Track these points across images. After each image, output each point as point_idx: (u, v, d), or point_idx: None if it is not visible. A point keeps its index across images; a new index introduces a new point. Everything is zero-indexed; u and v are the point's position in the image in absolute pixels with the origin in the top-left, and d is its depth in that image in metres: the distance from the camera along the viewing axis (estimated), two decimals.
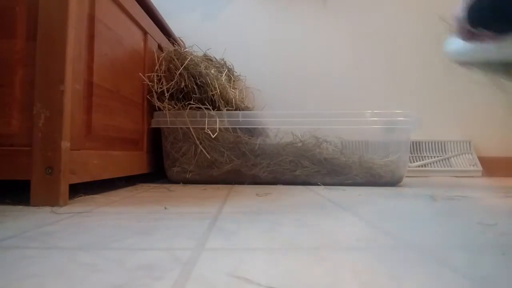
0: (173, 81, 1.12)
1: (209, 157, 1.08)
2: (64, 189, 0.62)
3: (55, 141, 0.62)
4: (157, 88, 1.11)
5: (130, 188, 0.94)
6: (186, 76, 1.13)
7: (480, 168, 1.61)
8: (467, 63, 0.73)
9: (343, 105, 1.60)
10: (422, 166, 1.61)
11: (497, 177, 1.59)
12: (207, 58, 1.42)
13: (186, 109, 1.11)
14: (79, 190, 0.74)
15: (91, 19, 0.74)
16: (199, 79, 1.13)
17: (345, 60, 1.71)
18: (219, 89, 1.14)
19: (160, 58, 1.16)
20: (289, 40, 1.71)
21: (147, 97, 1.10)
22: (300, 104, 1.67)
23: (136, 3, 0.99)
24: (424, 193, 0.91)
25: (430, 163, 1.63)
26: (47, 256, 0.34)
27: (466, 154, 1.66)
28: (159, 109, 1.11)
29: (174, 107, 1.12)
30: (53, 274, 0.29)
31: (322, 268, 0.31)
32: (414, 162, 1.62)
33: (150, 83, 1.10)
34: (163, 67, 1.15)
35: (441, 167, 1.62)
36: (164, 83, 1.12)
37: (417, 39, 1.72)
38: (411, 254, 0.36)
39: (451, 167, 1.61)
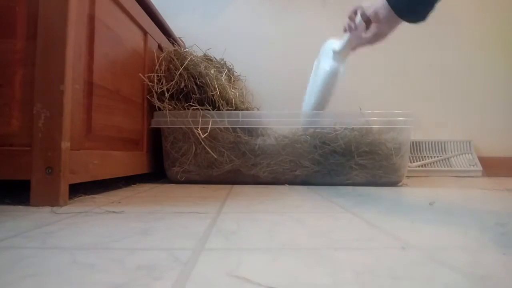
0: (173, 81, 1.12)
1: (209, 157, 1.08)
2: (64, 189, 0.62)
3: (55, 141, 0.62)
4: (157, 88, 1.11)
5: (130, 188, 0.94)
6: (186, 76, 1.13)
7: (480, 168, 1.61)
8: None
9: (343, 104, 1.60)
10: (422, 166, 1.61)
11: (497, 177, 1.59)
12: (207, 58, 1.42)
13: (186, 109, 1.11)
14: (79, 190, 0.74)
15: (91, 19, 0.74)
16: (199, 79, 1.13)
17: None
18: (219, 89, 1.14)
19: (160, 58, 1.16)
20: (289, 40, 1.71)
21: (147, 97, 1.10)
22: (300, 104, 1.66)
23: (136, 3, 0.99)
24: (424, 193, 0.91)
25: (430, 163, 1.63)
26: (47, 256, 0.34)
27: (466, 154, 1.65)
28: (159, 109, 1.11)
29: (174, 107, 1.12)
30: (53, 274, 0.29)
31: (322, 268, 0.31)
32: (414, 162, 1.62)
33: (150, 83, 1.10)
34: (163, 67, 1.15)
35: (441, 167, 1.62)
36: (164, 83, 1.12)
37: (417, 39, 1.72)
38: (411, 254, 0.36)
39: (451, 167, 1.61)
